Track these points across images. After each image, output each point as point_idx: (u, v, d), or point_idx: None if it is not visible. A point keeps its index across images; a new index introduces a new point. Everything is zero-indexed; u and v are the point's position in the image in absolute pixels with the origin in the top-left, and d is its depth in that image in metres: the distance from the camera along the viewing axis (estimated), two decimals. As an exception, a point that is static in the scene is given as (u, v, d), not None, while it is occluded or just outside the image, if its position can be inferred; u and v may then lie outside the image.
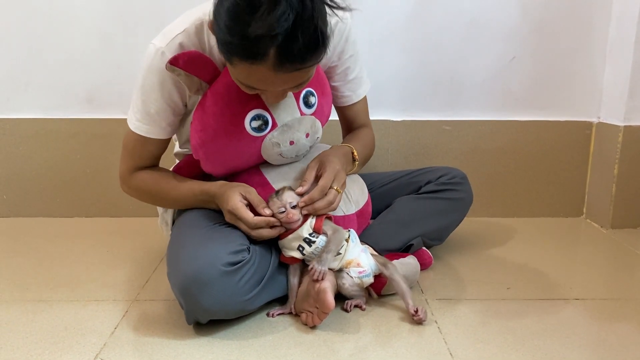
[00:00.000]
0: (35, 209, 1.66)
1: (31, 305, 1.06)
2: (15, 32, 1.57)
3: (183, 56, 0.94)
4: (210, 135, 1.00)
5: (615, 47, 1.56)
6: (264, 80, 0.86)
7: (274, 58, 0.81)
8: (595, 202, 1.64)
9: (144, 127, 1.05)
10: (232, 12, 0.79)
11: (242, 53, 0.82)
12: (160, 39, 1.00)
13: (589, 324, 1.00)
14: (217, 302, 0.91)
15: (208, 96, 0.99)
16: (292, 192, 0.99)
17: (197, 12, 1.01)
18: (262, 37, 0.79)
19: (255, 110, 0.98)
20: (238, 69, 0.86)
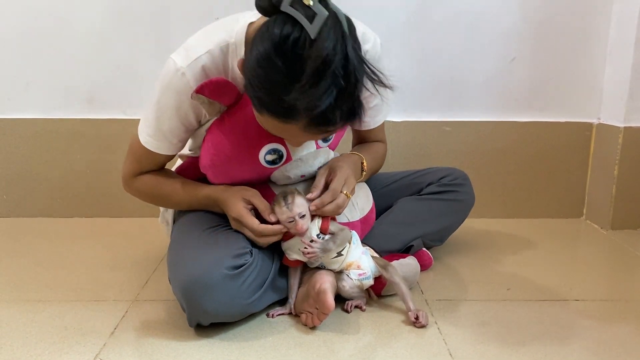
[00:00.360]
0: (35, 209, 1.66)
1: (31, 305, 1.06)
2: (15, 32, 1.56)
3: (209, 85, 0.90)
4: (222, 160, 0.98)
5: (615, 48, 1.56)
6: (291, 134, 0.85)
7: (306, 122, 0.80)
8: (596, 203, 1.64)
9: (154, 142, 1.02)
10: (270, 72, 0.77)
11: (274, 111, 0.80)
12: (182, 58, 0.94)
13: (588, 325, 1.00)
14: (219, 306, 0.91)
15: (226, 122, 0.96)
16: (301, 199, 0.96)
17: (221, 31, 0.96)
18: (300, 107, 0.77)
19: (273, 145, 0.97)
20: (265, 119, 0.83)
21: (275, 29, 0.76)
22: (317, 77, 0.75)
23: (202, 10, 1.55)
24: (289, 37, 0.75)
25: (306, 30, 0.75)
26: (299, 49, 0.75)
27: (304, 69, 0.75)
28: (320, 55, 0.74)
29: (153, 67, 1.57)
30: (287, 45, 0.75)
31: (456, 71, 1.61)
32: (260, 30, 0.79)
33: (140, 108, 1.60)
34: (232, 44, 0.94)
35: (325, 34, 0.75)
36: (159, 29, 1.57)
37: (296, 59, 0.75)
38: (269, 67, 0.76)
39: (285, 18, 0.77)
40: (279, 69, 0.76)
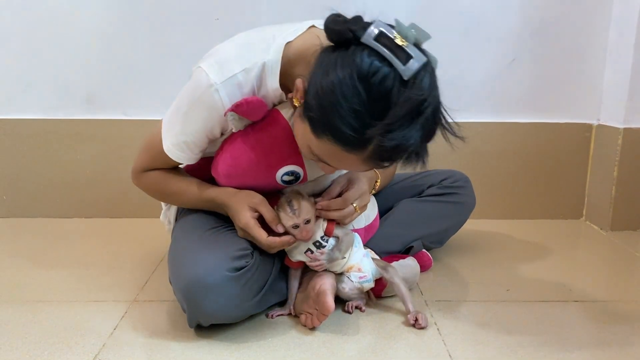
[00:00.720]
0: (34, 210, 1.66)
1: (30, 306, 1.06)
2: (15, 33, 1.57)
3: (244, 105, 0.88)
4: (238, 172, 0.97)
5: (614, 50, 1.56)
6: (344, 163, 0.84)
7: (370, 154, 0.79)
8: (595, 204, 1.64)
9: (175, 152, 0.99)
10: (351, 103, 0.74)
11: (341, 140, 0.78)
12: (216, 73, 0.90)
13: (588, 326, 1.00)
14: (220, 307, 0.91)
15: (248, 137, 0.94)
16: (307, 203, 0.94)
17: (257, 48, 0.92)
18: (376, 142, 0.76)
19: (292, 167, 0.96)
20: (323, 145, 0.80)
21: (362, 60, 0.75)
22: (407, 119, 0.74)
23: (201, 11, 1.55)
24: (377, 72, 0.74)
25: (397, 69, 0.74)
26: (387, 87, 0.74)
27: (391, 108, 0.74)
28: (416, 100, 0.74)
29: (153, 68, 1.58)
30: (374, 80, 0.74)
31: (456, 72, 1.61)
32: (335, 56, 0.77)
33: (140, 109, 1.61)
34: (269, 62, 0.91)
35: (421, 79, 0.75)
36: (159, 30, 1.57)
37: (383, 96, 0.74)
38: (351, 97, 0.74)
39: (369, 51, 0.75)
40: (362, 101, 0.74)
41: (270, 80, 0.92)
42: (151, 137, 1.03)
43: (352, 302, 1.04)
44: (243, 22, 1.55)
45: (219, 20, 1.55)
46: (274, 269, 1.00)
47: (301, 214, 0.93)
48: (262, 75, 0.92)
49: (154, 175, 1.07)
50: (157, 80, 1.59)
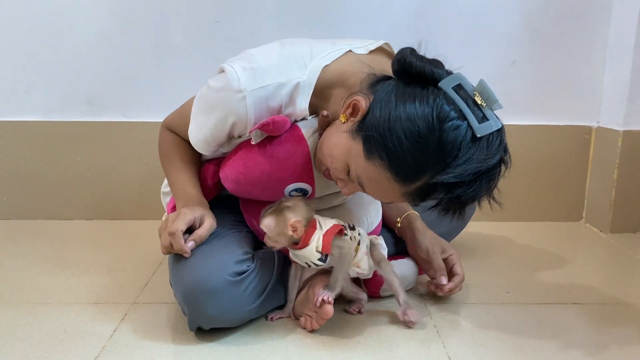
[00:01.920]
0: (35, 212, 1.66)
1: (30, 308, 1.06)
2: (16, 34, 1.57)
3: (270, 125, 0.88)
4: (248, 182, 0.96)
5: (614, 52, 1.57)
6: (379, 189, 0.84)
7: (414, 190, 0.80)
8: (595, 206, 1.64)
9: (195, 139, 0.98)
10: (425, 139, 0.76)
11: (396, 169, 0.79)
12: (248, 79, 0.88)
13: (587, 329, 1.00)
14: (221, 311, 0.91)
15: (265, 150, 0.93)
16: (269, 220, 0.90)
17: (295, 65, 0.91)
18: (428, 180, 0.78)
19: (302, 184, 0.96)
20: (370, 168, 0.81)
21: (441, 104, 0.77)
22: (471, 177, 0.76)
23: (202, 13, 1.56)
24: (453, 120, 0.76)
25: (472, 126, 0.76)
26: (459, 136, 0.76)
27: (458, 157, 0.76)
28: (487, 164, 0.77)
29: (153, 70, 1.58)
30: (448, 125, 0.76)
31: (456, 74, 1.61)
32: (411, 90, 0.80)
33: (140, 111, 1.61)
34: (303, 82, 0.90)
35: (493, 144, 0.77)
36: (159, 32, 1.57)
37: (453, 142, 0.76)
38: (425, 132, 0.76)
39: (449, 99, 0.78)
40: (435, 141, 0.76)
41: (301, 100, 0.91)
42: (190, 102, 1.01)
43: (354, 306, 1.04)
44: (244, 25, 1.56)
45: (219, 23, 1.56)
46: (274, 273, 1.00)
47: (262, 226, 0.91)
48: (293, 94, 0.91)
49: (172, 138, 1.07)
50: (158, 82, 1.59)
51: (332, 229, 0.92)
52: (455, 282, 1.06)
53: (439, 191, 0.79)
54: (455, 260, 1.09)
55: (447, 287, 1.05)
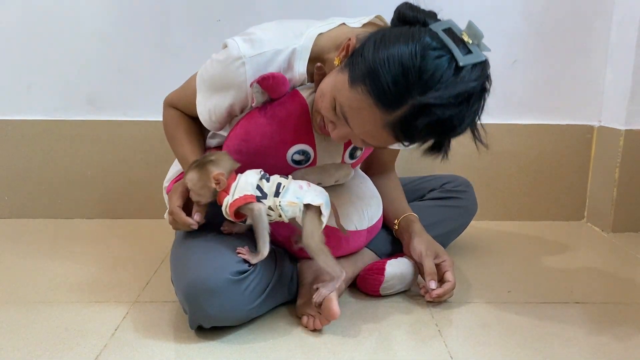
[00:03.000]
0: (36, 211, 1.66)
1: (32, 306, 1.06)
2: (17, 33, 1.57)
3: (270, 79, 0.91)
4: (250, 149, 0.98)
5: (616, 51, 1.57)
6: (365, 121, 0.83)
7: (397, 118, 0.80)
8: (596, 205, 1.64)
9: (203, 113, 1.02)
10: (407, 63, 0.77)
11: (377, 91, 0.79)
12: (248, 47, 0.93)
13: (589, 328, 1.00)
14: (222, 310, 0.91)
15: (266, 112, 0.96)
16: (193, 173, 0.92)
17: (291, 33, 0.96)
18: (410, 108, 0.78)
19: (304, 146, 0.98)
20: (354, 95, 0.81)
21: (425, 38, 0.79)
22: (453, 100, 0.77)
23: (203, 12, 1.56)
24: (436, 50, 0.78)
25: (455, 56, 0.78)
26: (442, 64, 0.77)
27: (440, 83, 0.77)
28: (467, 88, 0.78)
29: (154, 69, 1.58)
30: (432, 54, 0.77)
31: (457, 73, 1.61)
32: (401, 30, 0.81)
33: (141, 109, 1.62)
34: (299, 47, 0.95)
35: (475, 74, 0.79)
36: (160, 31, 1.57)
37: (435, 69, 0.77)
38: (407, 58, 0.77)
39: (435, 36, 0.80)
40: (415, 65, 0.77)
41: (298, 64, 0.96)
42: (194, 78, 1.04)
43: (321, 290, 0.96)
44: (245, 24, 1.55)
45: (220, 22, 1.56)
46: (275, 272, 1.00)
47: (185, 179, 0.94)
48: (290, 59, 0.96)
49: (174, 112, 1.10)
50: (159, 81, 1.59)
51: (237, 201, 0.91)
52: (444, 289, 1.04)
53: (422, 118, 0.78)
54: (447, 267, 1.07)
55: (435, 293, 1.04)
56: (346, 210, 1.06)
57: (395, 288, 1.10)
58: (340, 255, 1.09)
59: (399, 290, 1.11)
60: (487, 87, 0.83)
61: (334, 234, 1.04)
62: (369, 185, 1.16)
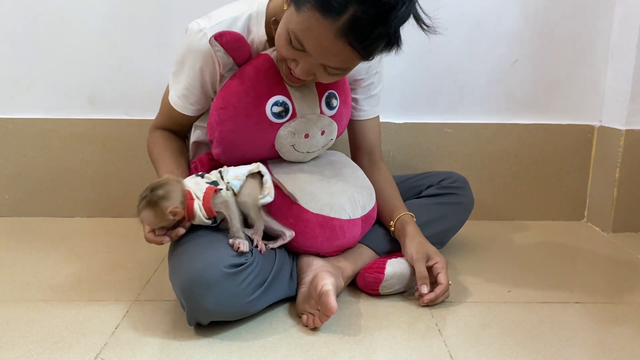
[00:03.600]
0: (36, 209, 1.66)
1: (32, 305, 1.07)
2: (18, 32, 1.57)
3: (228, 35, 0.97)
4: (230, 113, 1.02)
5: (617, 51, 1.56)
6: (317, 40, 0.86)
7: (344, 23, 0.83)
8: (597, 205, 1.64)
9: (173, 97, 1.11)
10: None
11: (320, 5, 0.82)
12: (206, 21, 1.03)
13: (589, 328, 1.00)
14: (219, 304, 0.91)
15: (236, 76, 1.02)
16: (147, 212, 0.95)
17: (247, 5, 1.05)
18: (355, 7, 0.81)
19: (279, 97, 1.01)
20: (301, 17, 0.86)
21: None
22: None
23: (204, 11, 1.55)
24: None
25: None
26: None
27: None
28: None
29: (155, 68, 1.58)
30: None
31: (458, 73, 1.61)
32: None
33: (142, 108, 1.61)
34: (254, 12, 1.04)
35: None
36: (161, 29, 1.57)
37: None
38: None
39: None
40: None
41: (256, 28, 1.04)
42: (165, 95, 1.15)
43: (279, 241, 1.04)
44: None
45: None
46: (274, 266, 1.00)
47: (145, 222, 0.96)
48: (248, 24, 1.04)
49: (157, 134, 1.16)
50: (159, 80, 1.58)
51: (207, 195, 0.95)
52: (436, 293, 1.04)
53: (364, 11, 0.81)
54: (439, 269, 1.06)
55: (426, 298, 1.04)
56: (338, 199, 1.06)
57: (394, 288, 1.10)
58: (338, 245, 1.09)
59: (397, 290, 1.11)
60: None
61: (329, 224, 1.05)
62: (360, 175, 1.16)
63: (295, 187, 1.06)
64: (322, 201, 1.05)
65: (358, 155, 1.26)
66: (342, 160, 1.17)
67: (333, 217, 1.05)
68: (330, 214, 1.05)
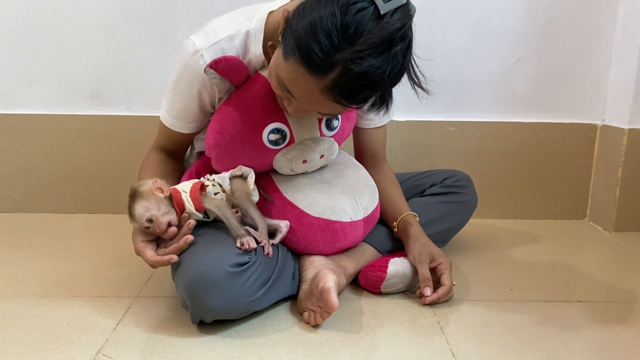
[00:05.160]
0: (38, 205, 1.66)
1: (34, 301, 1.07)
2: (20, 28, 1.57)
3: (223, 62, 0.92)
4: (226, 139, 0.99)
5: (620, 50, 1.56)
6: (304, 91, 0.84)
7: (330, 82, 0.80)
8: (599, 204, 1.63)
9: (169, 119, 1.07)
10: (328, 23, 0.77)
11: (306, 59, 0.79)
12: (202, 40, 0.97)
13: (591, 327, 1.00)
14: (223, 303, 0.91)
15: (232, 100, 0.99)
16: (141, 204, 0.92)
17: (242, 17, 1.00)
18: (341, 68, 0.78)
19: (276, 124, 0.98)
20: (288, 67, 0.83)
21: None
22: (377, 49, 0.77)
23: (206, 7, 1.55)
24: (358, 3, 0.77)
25: (377, 5, 0.77)
26: (364, 17, 0.77)
27: (363, 36, 0.76)
28: (389, 30, 0.77)
29: (157, 64, 1.58)
30: (352, 8, 0.77)
31: (461, 71, 1.60)
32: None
33: (144, 105, 1.61)
34: (252, 29, 0.98)
35: (397, 17, 0.78)
36: (164, 26, 1.57)
37: (358, 24, 0.77)
38: (327, 18, 0.77)
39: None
40: (335, 24, 0.77)
41: (254, 46, 0.99)
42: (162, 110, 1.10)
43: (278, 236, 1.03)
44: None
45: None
46: (277, 265, 1.00)
47: (138, 217, 0.93)
48: (246, 43, 0.99)
49: (152, 156, 1.13)
50: (161, 76, 1.59)
51: (193, 188, 0.96)
52: (438, 294, 1.04)
53: (351, 74, 0.78)
54: (443, 270, 1.05)
55: (428, 300, 1.04)
56: (339, 202, 1.06)
57: (396, 287, 1.10)
58: (340, 248, 1.09)
59: (399, 289, 1.11)
60: (410, 28, 0.81)
61: (330, 227, 1.05)
62: (362, 174, 1.15)
63: (296, 190, 1.05)
64: (323, 204, 1.05)
65: (361, 157, 1.25)
66: (343, 161, 1.16)
67: (334, 220, 1.05)
68: (331, 217, 1.05)
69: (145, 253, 0.94)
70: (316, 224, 1.04)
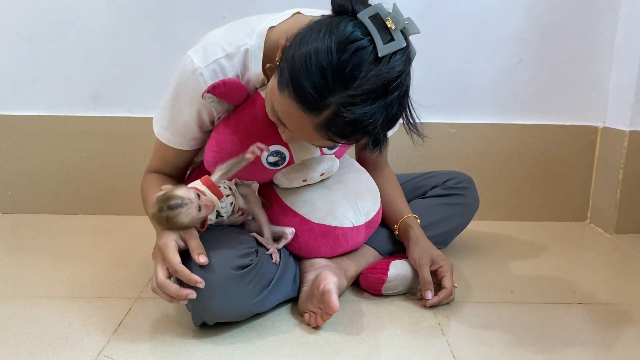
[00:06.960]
0: (39, 206, 1.67)
1: (35, 302, 1.07)
2: (22, 29, 1.57)
3: (221, 87, 0.90)
4: (225, 158, 0.97)
5: (621, 52, 1.56)
6: (298, 125, 0.82)
7: (323, 120, 0.78)
8: (600, 206, 1.63)
9: (167, 135, 1.03)
10: (323, 62, 0.74)
11: (299, 96, 0.77)
12: (200, 58, 0.94)
13: (592, 329, 1.00)
14: (225, 306, 0.91)
15: (231, 121, 0.97)
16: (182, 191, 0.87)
17: (242, 33, 0.95)
18: (333, 110, 0.76)
19: (276, 147, 0.97)
20: (282, 100, 0.80)
21: (345, 27, 0.75)
22: (372, 95, 0.75)
23: (208, 9, 1.56)
24: (355, 42, 0.74)
25: (376, 46, 0.74)
26: (361, 58, 0.74)
27: (358, 79, 0.74)
28: (385, 78, 0.74)
29: (158, 65, 1.58)
30: (350, 47, 0.74)
31: (461, 73, 1.60)
32: (325, 22, 0.77)
33: (145, 106, 1.61)
34: (251, 47, 0.94)
35: (395, 61, 0.75)
36: (165, 27, 1.57)
37: (354, 65, 0.74)
38: (323, 55, 0.74)
39: (356, 23, 0.76)
40: (331, 63, 0.74)
41: (253, 65, 0.95)
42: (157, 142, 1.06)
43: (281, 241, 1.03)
44: (249, 21, 1.56)
45: (225, 19, 1.56)
46: (279, 267, 1.00)
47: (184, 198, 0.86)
48: (245, 61, 0.95)
49: (150, 177, 1.09)
50: (163, 77, 1.57)
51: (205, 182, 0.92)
52: (439, 297, 1.03)
53: (345, 118, 0.75)
54: (444, 273, 1.05)
55: (430, 303, 1.04)
56: (341, 207, 1.06)
57: (397, 289, 1.10)
58: (340, 252, 1.09)
59: (400, 292, 1.11)
60: (408, 74, 0.79)
61: (331, 233, 1.05)
62: (364, 179, 1.14)
63: (296, 197, 1.05)
64: (323, 211, 1.05)
65: (362, 160, 1.24)
66: (345, 165, 1.15)
67: (335, 226, 1.05)
68: (332, 223, 1.05)
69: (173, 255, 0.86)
70: (317, 230, 1.04)
